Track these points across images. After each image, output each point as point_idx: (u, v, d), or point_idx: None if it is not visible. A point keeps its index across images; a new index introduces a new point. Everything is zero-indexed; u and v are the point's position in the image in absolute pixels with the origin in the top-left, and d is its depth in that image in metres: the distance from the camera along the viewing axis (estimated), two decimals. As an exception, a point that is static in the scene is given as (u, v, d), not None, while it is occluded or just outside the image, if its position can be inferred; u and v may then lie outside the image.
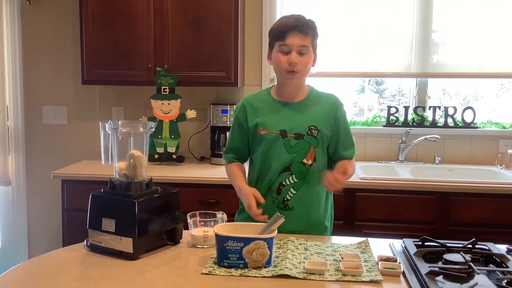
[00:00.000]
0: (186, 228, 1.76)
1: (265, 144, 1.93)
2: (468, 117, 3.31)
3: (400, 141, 3.29)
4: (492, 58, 3.27)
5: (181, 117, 3.22)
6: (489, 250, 1.65)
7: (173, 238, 1.74)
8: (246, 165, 2.08)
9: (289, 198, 1.92)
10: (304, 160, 1.91)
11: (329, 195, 2.04)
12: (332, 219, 2.08)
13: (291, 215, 1.88)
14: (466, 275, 1.43)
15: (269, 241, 1.52)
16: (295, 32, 1.86)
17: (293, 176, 1.91)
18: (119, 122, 1.70)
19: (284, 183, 1.92)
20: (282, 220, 1.58)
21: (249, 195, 1.85)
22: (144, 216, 1.61)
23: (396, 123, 3.37)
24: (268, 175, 1.93)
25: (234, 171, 2.01)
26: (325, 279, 1.45)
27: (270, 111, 1.96)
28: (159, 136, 3.19)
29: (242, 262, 1.51)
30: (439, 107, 3.36)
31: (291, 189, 1.92)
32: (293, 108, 1.95)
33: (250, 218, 1.88)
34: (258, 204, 1.84)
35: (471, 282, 1.39)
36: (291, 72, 1.88)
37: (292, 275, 1.46)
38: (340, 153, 1.98)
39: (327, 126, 1.94)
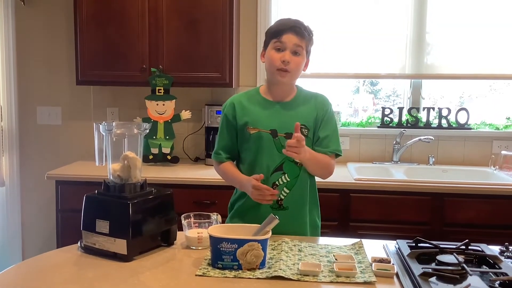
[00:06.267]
0: (181, 229, 1.76)
1: (255, 143, 1.93)
2: (462, 118, 3.32)
3: (394, 142, 3.30)
4: (486, 59, 3.29)
5: (176, 118, 3.22)
6: (482, 251, 1.65)
7: (167, 239, 1.74)
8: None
9: (283, 197, 1.93)
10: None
11: (316, 193, 2.04)
12: (320, 217, 2.08)
13: (286, 215, 1.89)
14: (459, 276, 1.44)
15: (263, 243, 1.52)
16: (292, 32, 1.87)
17: (286, 175, 1.92)
18: (113, 123, 1.70)
19: (277, 182, 1.92)
20: (276, 221, 1.58)
21: (249, 180, 1.84)
22: (138, 218, 1.61)
23: (390, 124, 3.38)
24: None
25: (228, 168, 2.00)
26: (319, 281, 1.46)
27: (260, 110, 1.96)
28: (154, 137, 3.19)
29: (236, 263, 1.51)
30: (433, 108, 3.37)
31: (285, 189, 1.92)
32: (283, 107, 1.95)
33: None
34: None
35: (464, 283, 1.40)
36: (283, 70, 1.88)
37: (286, 276, 1.46)
38: (316, 149, 1.93)
39: (316, 125, 1.95)
